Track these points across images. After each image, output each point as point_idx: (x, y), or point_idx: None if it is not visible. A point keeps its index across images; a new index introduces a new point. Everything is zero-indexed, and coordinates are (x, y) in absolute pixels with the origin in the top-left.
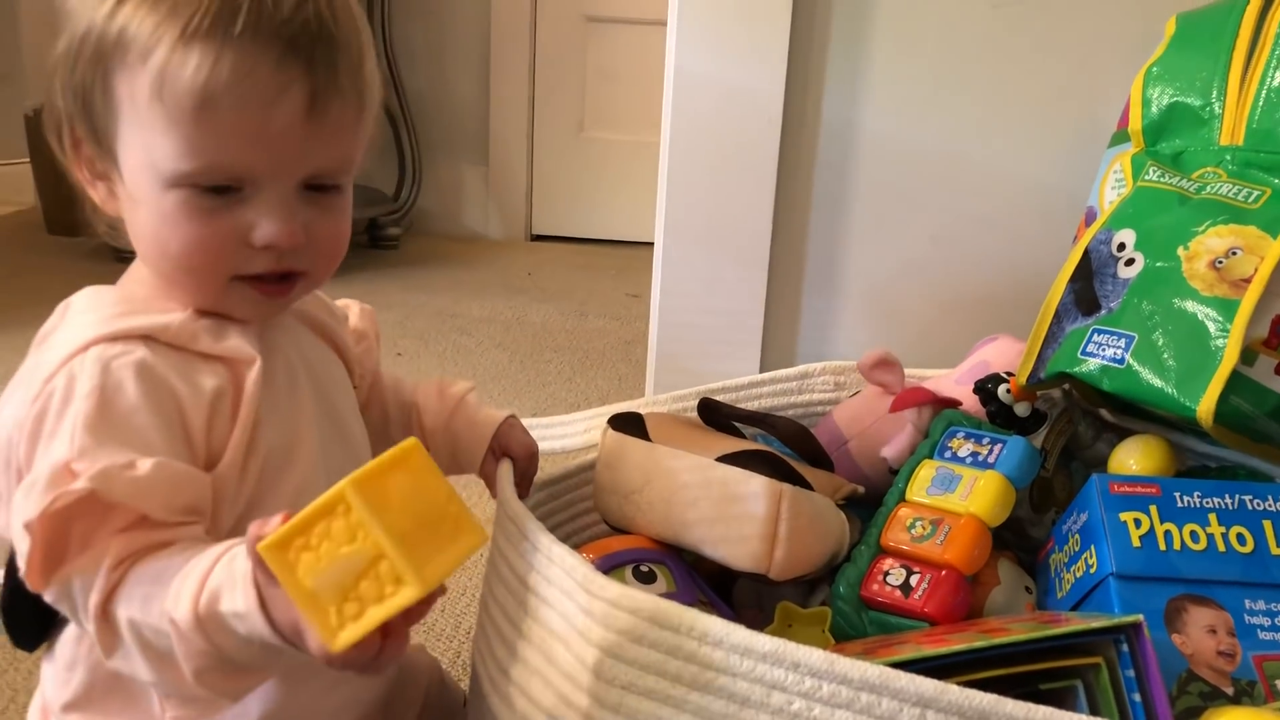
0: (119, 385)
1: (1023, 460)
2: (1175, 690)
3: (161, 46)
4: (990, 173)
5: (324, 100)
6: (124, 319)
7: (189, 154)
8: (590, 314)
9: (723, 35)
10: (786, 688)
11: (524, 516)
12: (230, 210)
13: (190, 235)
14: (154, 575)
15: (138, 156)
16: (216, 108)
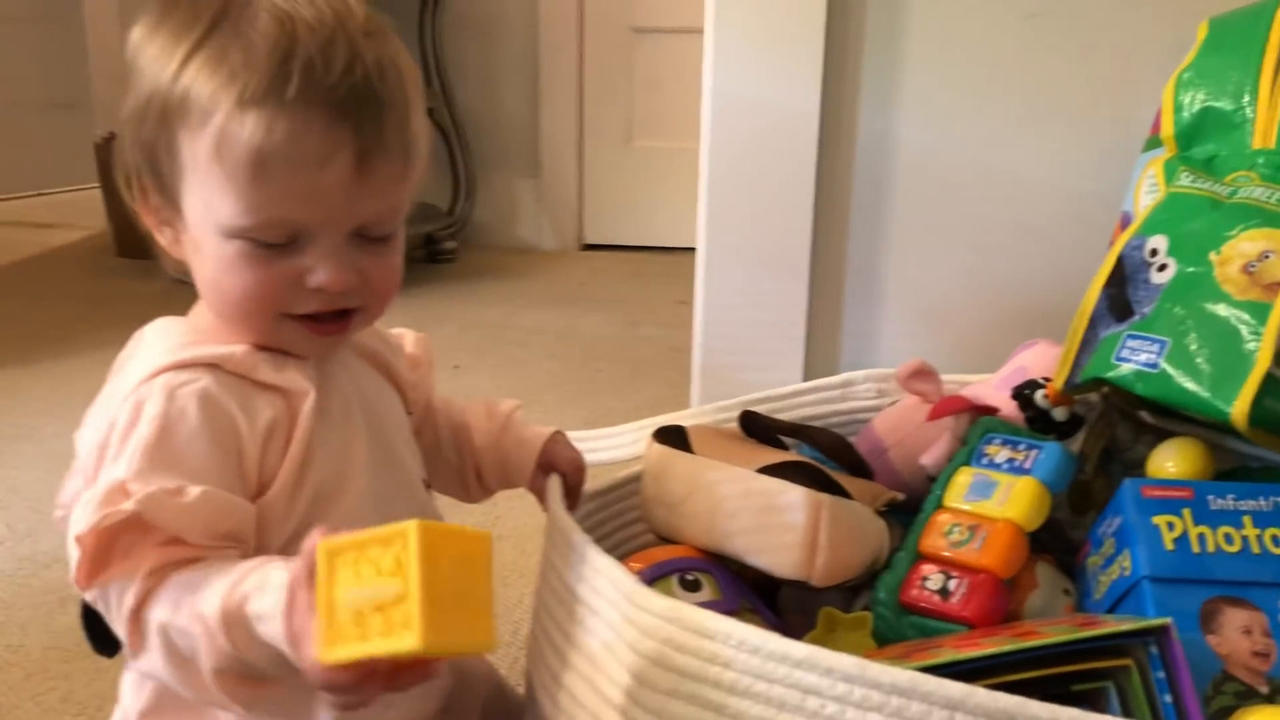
0: (182, 412)
1: (1059, 465)
2: (1210, 690)
3: (220, 111)
4: (1026, 180)
5: (371, 159)
6: (191, 348)
7: (246, 211)
8: (641, 322)
9: (758, 51)
10: (820, 692)
11: (572, 530)
12: (286, 258)
13: (248, 281)
14: (187, 582)
15: (199, 210)
16: (270, 169)
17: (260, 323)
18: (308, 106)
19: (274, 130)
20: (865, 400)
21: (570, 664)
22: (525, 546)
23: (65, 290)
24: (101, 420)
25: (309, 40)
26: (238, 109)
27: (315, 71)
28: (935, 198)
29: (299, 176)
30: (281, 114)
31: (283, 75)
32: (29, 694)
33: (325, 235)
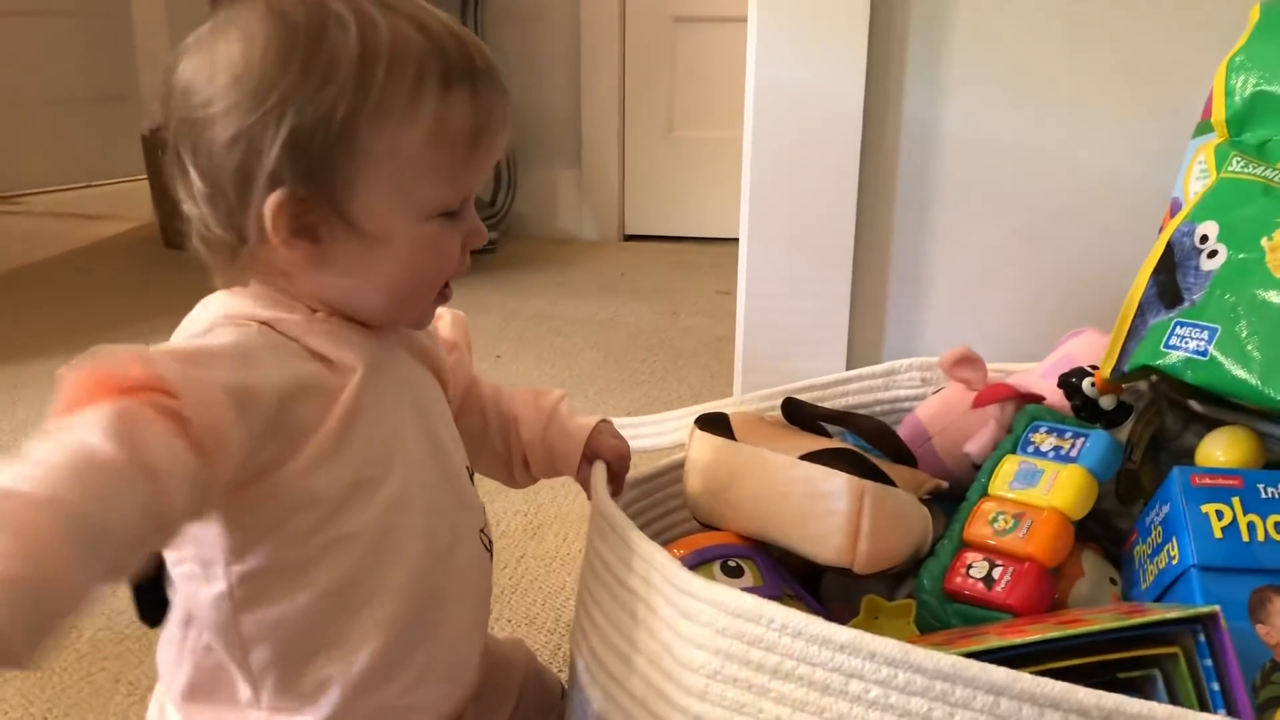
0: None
1: (1105, 454)
2: (1259, 680)
3: (430, 98)
4: (1073, 166)
5: (508, 118)
6: (250, 308)
7: (452, 188)
8: (682, 312)
9: (802, 38)
10: (864, 676)
11: (616, 516)
12: (458, 224)
13: (441, 254)
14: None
15: (388, 201)
16: (482, 140)
17: (429, 297)
18: (489, 73)
19: (479, 105)
20: (909, 389)
21: (613, 648)
22: (568, 534)
23: (112, 281)
24: None
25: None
26: (444, 94)
27: (470, 47)
28: (980, 185)
29: (495, 143)
30: (479, 88)
31: (463, 54)
32: (81, 674)
33: (467, 201)
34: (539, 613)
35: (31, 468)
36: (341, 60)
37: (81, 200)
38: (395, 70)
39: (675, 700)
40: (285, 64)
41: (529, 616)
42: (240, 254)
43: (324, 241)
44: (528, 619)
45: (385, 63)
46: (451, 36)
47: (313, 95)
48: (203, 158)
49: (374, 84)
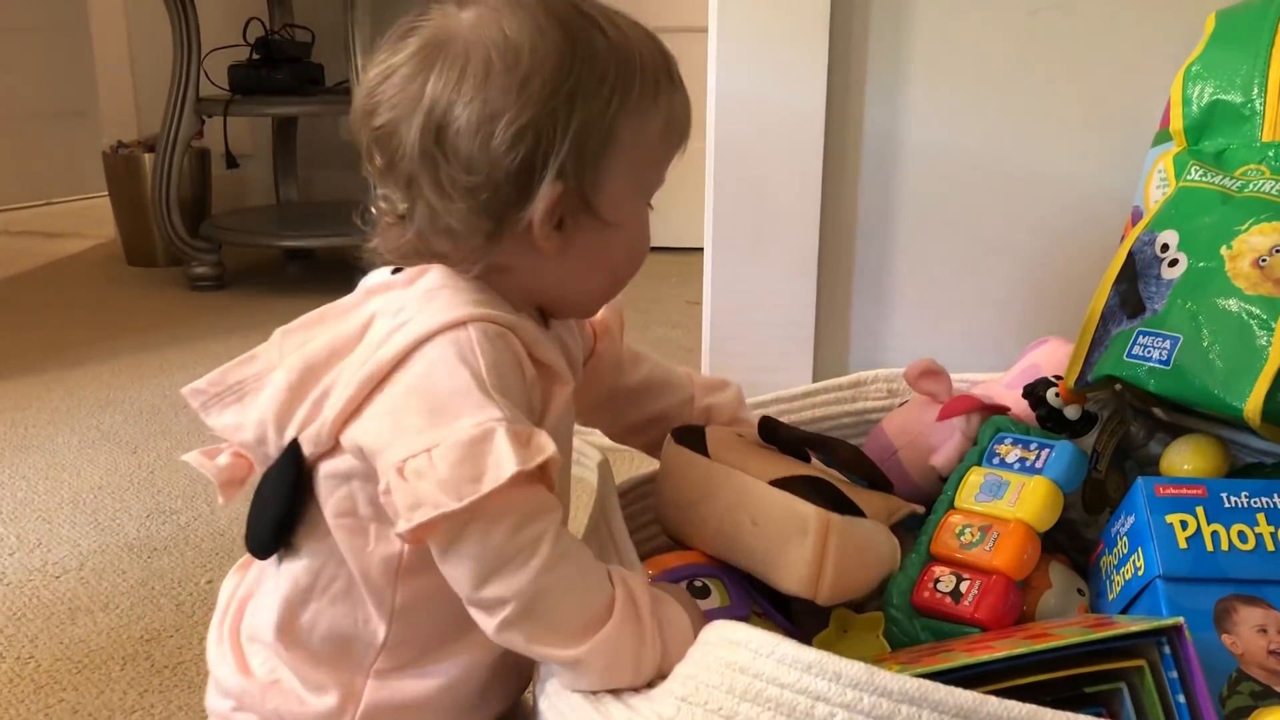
0: (511, 362)
1: (1070, 464)
2: (1226, 690)
3: (663, 93)
4: (1034, 176)
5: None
6: (487, 306)
7: (664, 173)
8: (652, 323)
9: (762, 50)
10: (829, 699)
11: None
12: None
13: (647, 235)
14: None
15: (626, 186)
16: (685, 134)
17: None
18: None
19: (686, 97)
20: (875, 400)
21: None
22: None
23: (75, 299)
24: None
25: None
26: (671, 86)
27: (663, 46)
28: (942, 195)
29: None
30: (680, 84)
31: (666, 54)
32: (39, 706)
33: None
34: None
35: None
36: (608, 60)
37: (42, 218)
38: (645, 67)
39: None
40: (570, 61)
41: None
42: (489, 243)
43: (568, 231)
44: None
45: (637, 61)
46: (652, 37)
47: (593, 91)
48: (470, 147)
49: (634, 80)
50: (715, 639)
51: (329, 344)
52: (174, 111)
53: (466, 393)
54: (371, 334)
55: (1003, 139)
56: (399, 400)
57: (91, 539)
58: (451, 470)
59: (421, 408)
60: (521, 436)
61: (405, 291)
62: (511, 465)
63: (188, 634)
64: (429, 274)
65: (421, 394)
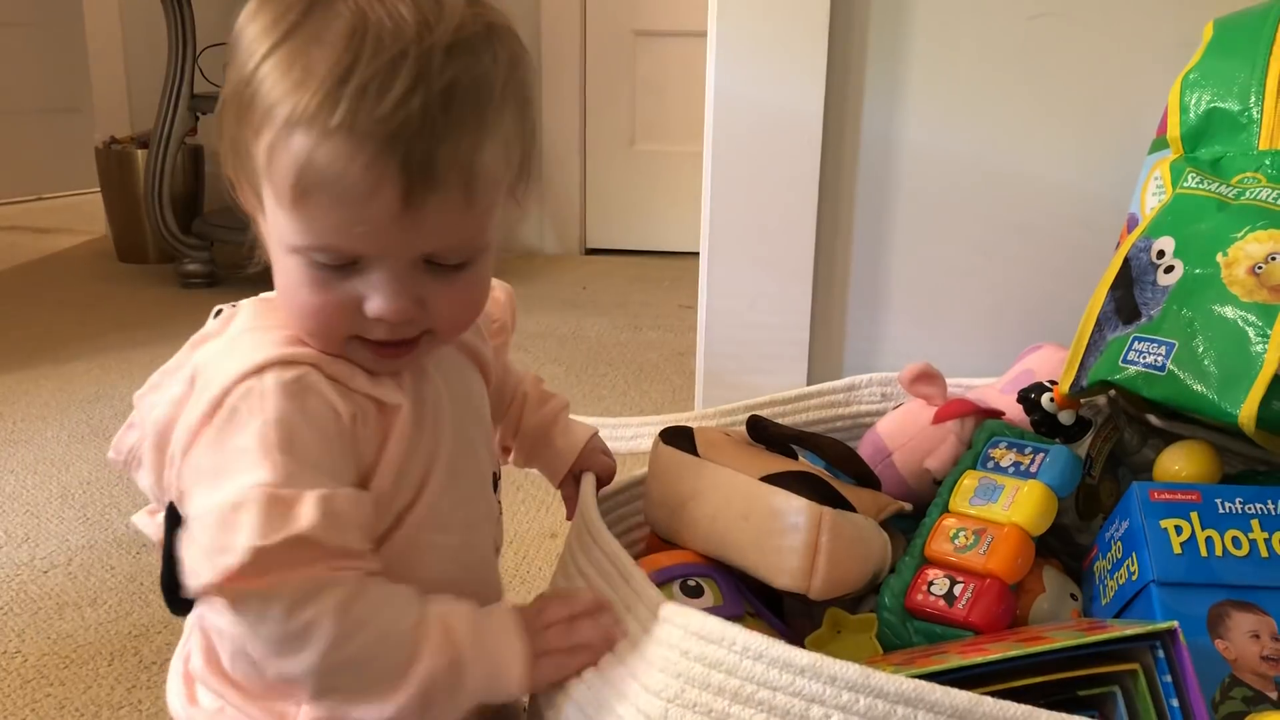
0: (301, 411)
1: (1065, 469)
2: (1218, 695)
3: (271, 125)
4: (1032, 182)
5: (419, 195)
6: (290, 345)
7: (298, 232)
8: (644, 326)
9: (761, 53)
10: (824, 701)
11: (602, 532)
12: (346, 280)
13: (308, 301)
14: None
15: (269, 217)
16: (311, 196)
17: (327, 342)
18: (351, 138)
19: (315, 158)
20: (870, 404)
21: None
22: (528, 552)
23: (65, 295)
24: (178, 396)
25: (372, 59)
26: (286, 127)
27: (367, 99)
28: (939, 200)
29: (340, 208)
30: (325, 142)
31: (331, 100)
32: (25, 701)
33: (383, 263)
34: None
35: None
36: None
37: (33, 213)
38: (268, 83)
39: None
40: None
41: None
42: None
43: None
44: None
45: (269, 68)
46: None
47: (229, 81)
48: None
49: (254, 84)
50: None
51: (168, 406)
52: (168, 108)
53: (245, 452)
54: (194, 390)
55: (1000, 144)
56: (198, 458)
57: (80, 534)
58: (210, 539)
59: (210, 467)
60: (280, 505)
61: (218, 340)
62: (248, 539)
63: (176, 630)
64: (238, 315)
65: (213, 451)
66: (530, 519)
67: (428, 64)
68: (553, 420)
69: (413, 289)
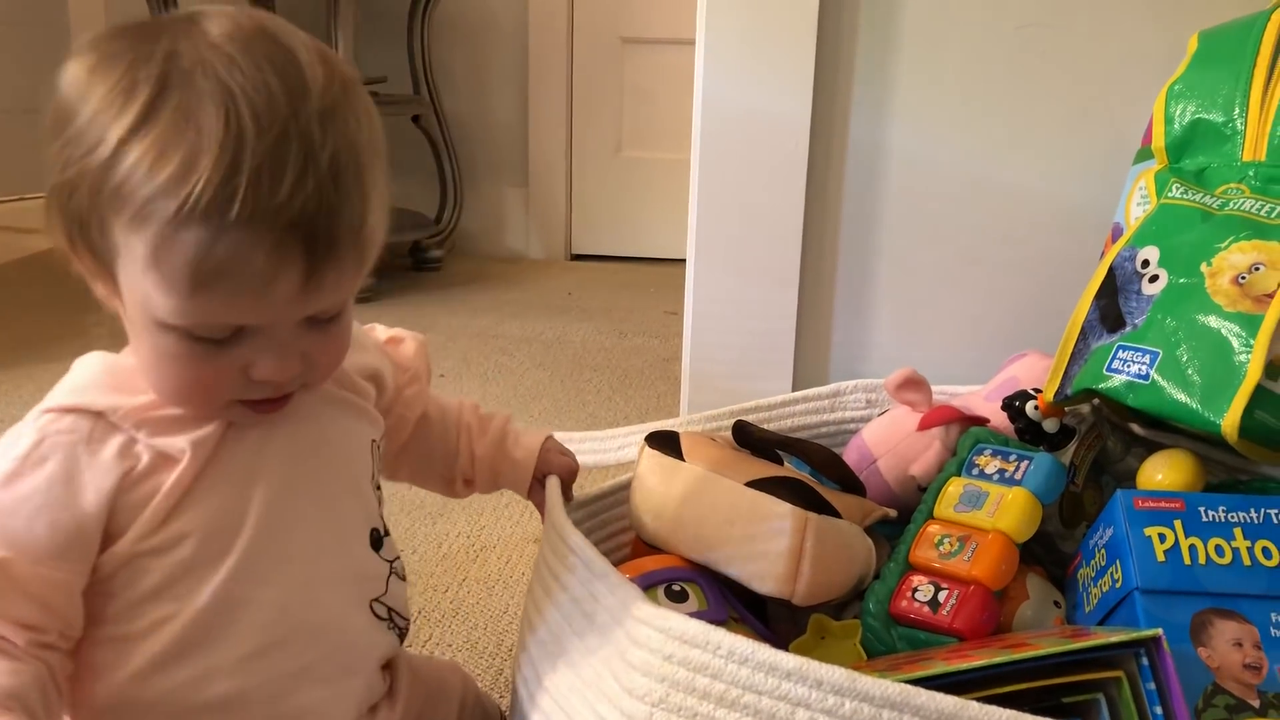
0: (40, 460)
1: (1049, 476)
2: (1201, 703)
3: (156, 219)
4: (1017, 191)
5: (322, 270)
6: (87, 393)
7: (184, 313)
8: (629, 333)
9: (749, 61)
10: (810, 705)
11: (572, 534)
12: (227, 350)
13: (186, 375)
14: None
15: (135, 295)
16: (211, 285)
17: (199, 409)
18: (252, 227)
19: (215, 251)
20: (855, 410)
21: (558, 673)
22: (511, 556)
23: (45, 296)
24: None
25: (257, 142)
26: (176, 221)
27: (262, 188)
28: (925, 208)
29: (242, 294)
30: (225, 234)
31: (228, 191)
32: None
33: (269, 330)
34: (480, 637)
35: None
36: (113, 129)
37: (14, 213)
38: (141, 171)
39: None
40: (76, 111)
41: (470, 641)
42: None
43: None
44: (469, 643)
45: (138, 156)
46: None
47: (76, 158)
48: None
49: (119, 173)
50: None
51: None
52: None
53: None
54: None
55: (986, 153)
56: None
57: None
58: None
59: None
60: None
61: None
62: None
63: None
64: (77, 362)
65: None
66: (512, 525)
67: (309, 140)
68: (503, 437)
69: (296, 347)
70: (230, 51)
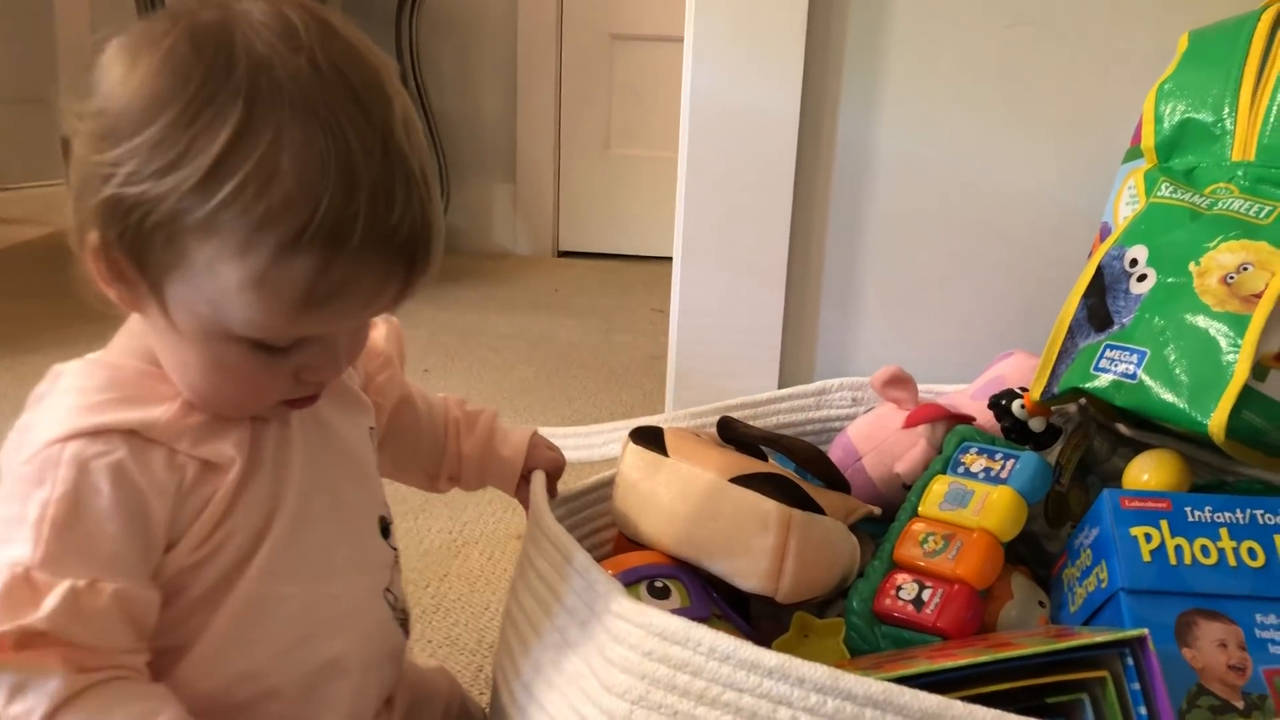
0: (95, 490)
1: (1035, 475)
2: (1185, 704)
3: (266, 247)
4: (1005, 189)
5: (414, 286)
6: (108, 411)
7: (266, 328)
8: (615, 329)
9: (738, 57)
10: (792, 703)
11: (556, 530)
12: (287, 356)
13: (246, 382)
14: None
15: (200, 309)
16: (319, 308)
17: (243, 411)
18: (367, 252)
19: (331, 275)
20: (840, 408)
21: (539, 670)
22: (493, 553)
23: (28, 287)
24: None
25: (366, 164)
26: (292, 249)
27: (379, 210)
28: (913, 206)
29: (346, 312)
30: (341, 259)
31: (348, 216)
32: None
33: (332, 336)
34: (461, 633)
35: None
36: (202, 148)
37: None
38: (245, 196)
39: None
40: (147, 120)
41: (450, 637)
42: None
43: (145, 306)
44: (449, 640)
45: (240, 180)
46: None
47: (148, 174)
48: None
49: (215, 197)
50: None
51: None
52: None
53: (19, 522)
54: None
55: (975, 151)
56: None
57: None
58: None
59: None
60: (26, 590)
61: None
62: None
63: None
64: (63, 377)
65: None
66: (495, 521)
67: (404, 155)
68: (490, 433)
69: (346, 349)
70: (315, 59)
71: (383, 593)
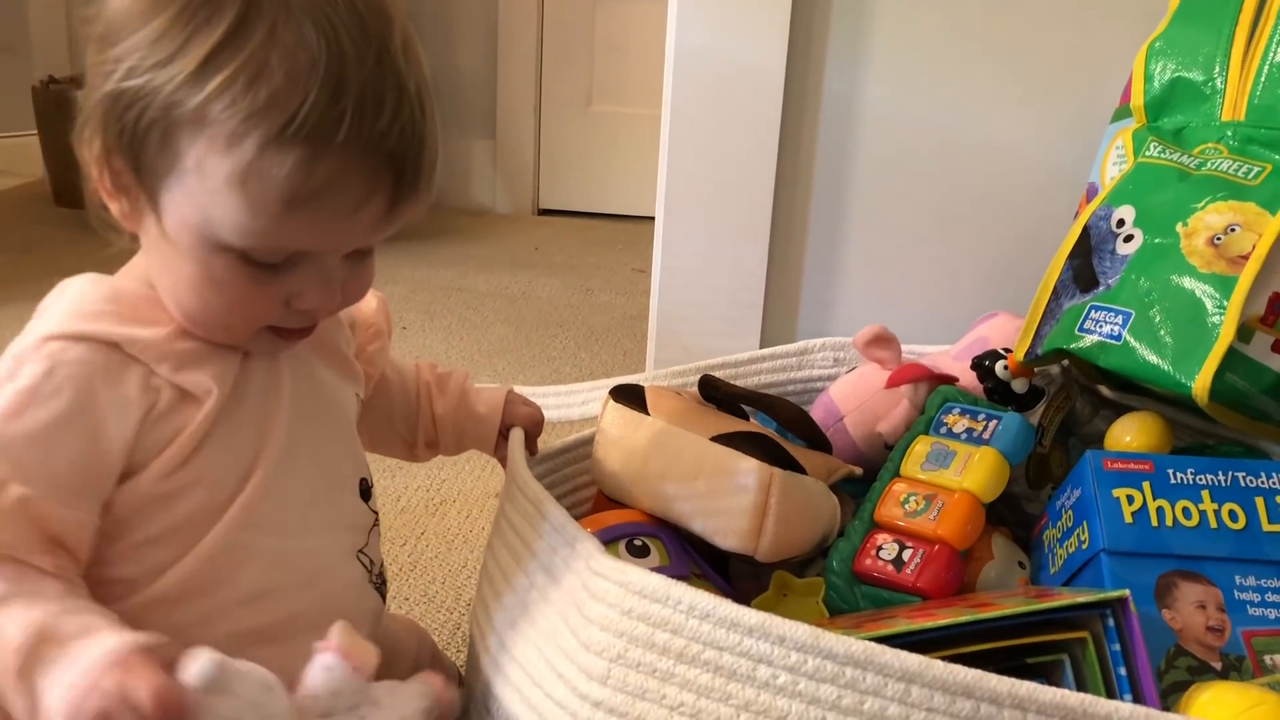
0: (54, 392)
1: (1017, 436)
2: (1164, 664)
3: (252, 139)
4: (992, 149)
5: (403, 204)
6: (98, 321)
7: (254, 235)
8: (596, 289)
9: (723, 11)
10: (772, 661)
11: (533, 487)
12: (277, 278)
13: (235, 299)
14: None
15: (190, 215)
16: (302, 208)
17: (233, 334)
18: (354, 151)
19: (315, 173)
20: (822, 368)
21: (516, 627)
22: (471, 511)
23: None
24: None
25: (358, 69)
26: (275, 142)
27: (366, 113)
28: (899, 166)
29: (329, 217)
30: (326, 156)
31: (334, 115)
32: None
33: (323, 259)
34: (438, 591)
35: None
36: (198, 42)
37: None
38: (234, 89)
39: (576, 685)
40: (149, 18)
41: (427, 595)
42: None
43: (143, 221)
44: (426, 597)
45: (230, 73)
46: (369, 85)
47: (147, 67)
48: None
49: (205, 89)
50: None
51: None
52: None
53: None
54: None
55: (962, 110)
56: None
57: None
58: None
59: None
60: None
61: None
62: None
63: None
64: (72, 284)
65: None
66: (473, 479)
67: (399, 70)
68: (463, 393)
69: (338, 278)
70: None
71: (356, 554)
